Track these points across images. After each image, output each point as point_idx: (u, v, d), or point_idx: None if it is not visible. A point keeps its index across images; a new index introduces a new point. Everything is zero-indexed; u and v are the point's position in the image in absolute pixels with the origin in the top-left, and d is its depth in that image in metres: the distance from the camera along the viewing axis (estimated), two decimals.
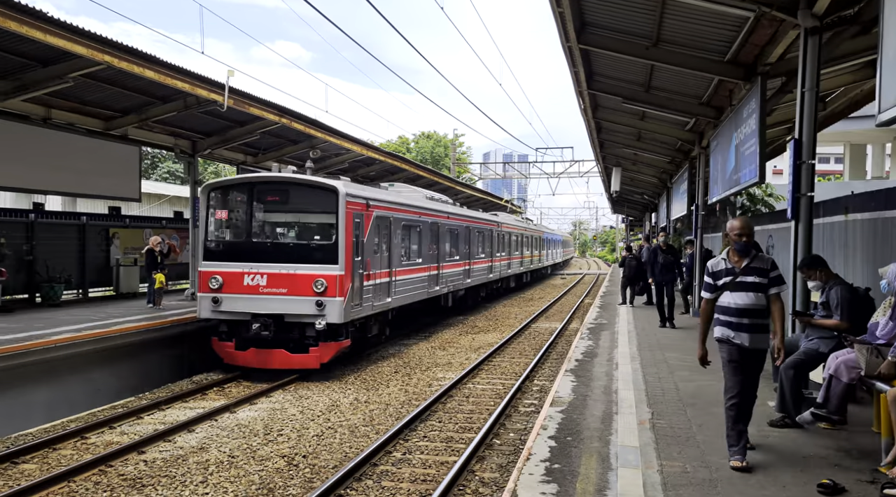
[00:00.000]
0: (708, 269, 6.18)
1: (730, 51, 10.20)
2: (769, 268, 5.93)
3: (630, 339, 13.51)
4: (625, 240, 58.00)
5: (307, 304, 12.48)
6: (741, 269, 5.96)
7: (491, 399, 11.41)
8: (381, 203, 14.86)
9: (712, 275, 6.10)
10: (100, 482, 7.44)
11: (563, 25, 10.24)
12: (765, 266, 5.94)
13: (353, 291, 13.02)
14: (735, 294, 5.94)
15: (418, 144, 69.31)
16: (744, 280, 5.92)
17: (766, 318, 5.93)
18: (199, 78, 13.11)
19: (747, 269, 5.94)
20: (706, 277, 6.17)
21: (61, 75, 11.59)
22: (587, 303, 28.59)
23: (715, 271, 6.10)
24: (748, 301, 5.88)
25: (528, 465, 6.00)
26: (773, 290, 5.91)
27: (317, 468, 7.94)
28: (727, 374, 6.09)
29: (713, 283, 6.09)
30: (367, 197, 14.12)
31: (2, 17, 8.93)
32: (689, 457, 6.11)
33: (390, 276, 15.41)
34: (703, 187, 16.78)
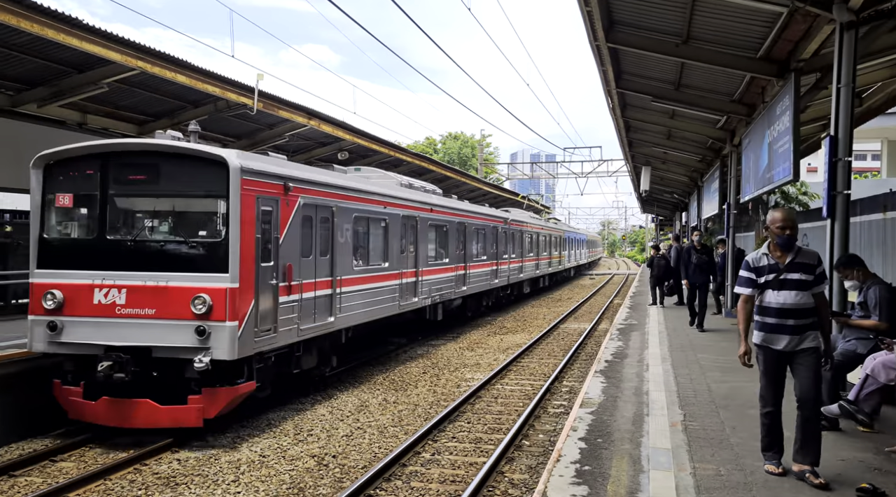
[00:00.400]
0: (748, 263, 5.66)
1: (762, 47, 10.04)
2: (815, 263, 5.46)
3: (661, 339, 13.36)
4: (654, 239, 57.38)
5: (183, 332, 8.63)
6: (785, 266, 5.46)
7: (520, 400, 11.37)
8: (312, 186, 10.80)
9: (754, 270, 5.58)
10: (135, 480, 7.57)
11: (591, 24, 10.17)
12: (811, 262, 5.46)
13: (259, 312, 9.22)
14: (778, 293, 5.45)
15: (445, 145, 69.34)
16: (788, 277, 5.43)
17: (811, 318, 5.47)
18: (229, 82, 13.29)
19: (792, 266, 5.44)
20: (745, 272, 5.65)
21: (96, 81, 11.83)
22: (616, 303, 28.34)
23: (757, 266, 5.58)
24: (793, 300, 5.41)
25: (557, 467, 5.96)
26: (819, 288, 5.46)
27: (346, 468, 7.99)
28: (765, 382, 5.66)
29: (755, 279, 5.57)
30: (285, 176, 10.04)
31: (40, 24, 9.15)
32: (722, 459, 6.02)
33: (333, 288, 11.47)
34: (734, 186, 16.54)
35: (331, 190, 11.54)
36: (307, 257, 10.69)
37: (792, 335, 5.43)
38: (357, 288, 12.47)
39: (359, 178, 13.59)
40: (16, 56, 10.52)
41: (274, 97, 14.79)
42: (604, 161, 41.26)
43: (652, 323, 16.16)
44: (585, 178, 42.60)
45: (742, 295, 5.70)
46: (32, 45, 10.19)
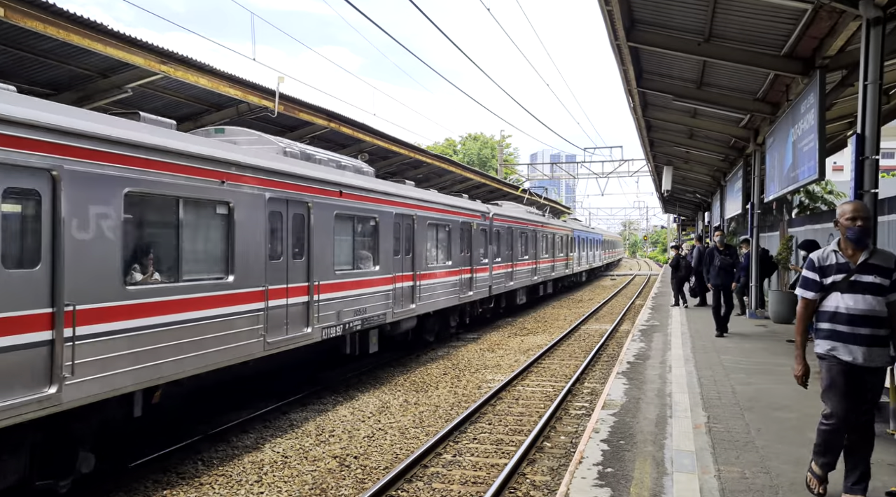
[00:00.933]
0: (813, 261, 5.03)
1: (786, 44, 9.92)
2: (893, 266, 4.80)
3: (683, 341, 13.24)
4: (676, 239, 56.90)
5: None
6: (857, 266, 4.83)
7: (541, 401, 11.32)
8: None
9: (819, 269, 4.95)
10: (159, 480, 7.65)
11: (611, 24, 10.12)
12: (888, 265, 4.81)
13: None
14: (848, 296, 4.81)
15: (465, 146, 69.34)
16: (860, 279, 4.79)
17: (885, 329, 4.82)
18: (250, 85, 13.40)
19: (865, 267, 4.81)
20: (809, 272, 5.02)
21: (120, 85, 11.99)
22: (638, 304, 28.13)
23: (824, 265, 4.95)
24: (866, 306, 4.75)
25: (580, 469, 5.93)
26: (895, 295, 4.78)
27: (368, 469, 8.01)
28: (834, 399, 4.92)
29: (819, 280, 4.94)
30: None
31: (65, 30, 9.29)
32: (747, 462, 5.95)
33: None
34: (758, 185, 16.35)
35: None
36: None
37: (867, 347, 4.78)
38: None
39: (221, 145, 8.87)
40: (42, 62, 10.69)
41: (295, 100, 14.88)
42: (625, 161, 40.99)
43: (674, 324, 16.02)
44: (606, 178, 42.35)
45: (803, 299, 5.03)
46: (59, 50, 10.35)
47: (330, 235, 11.08)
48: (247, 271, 8.96)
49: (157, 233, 7.81)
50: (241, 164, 8.89)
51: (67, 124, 6.34)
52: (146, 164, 7.29)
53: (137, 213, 7.31)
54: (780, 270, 17.11)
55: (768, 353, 11.48)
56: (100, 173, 6.68)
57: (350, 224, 12.01)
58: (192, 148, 8.04)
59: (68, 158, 6.32)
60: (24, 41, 9.81)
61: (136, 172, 7.14)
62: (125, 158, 7.00)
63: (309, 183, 10.51)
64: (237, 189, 8.80)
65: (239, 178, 8.85)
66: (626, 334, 17.67)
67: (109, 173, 6.79)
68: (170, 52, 11.18)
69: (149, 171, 7.31)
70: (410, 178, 25.58)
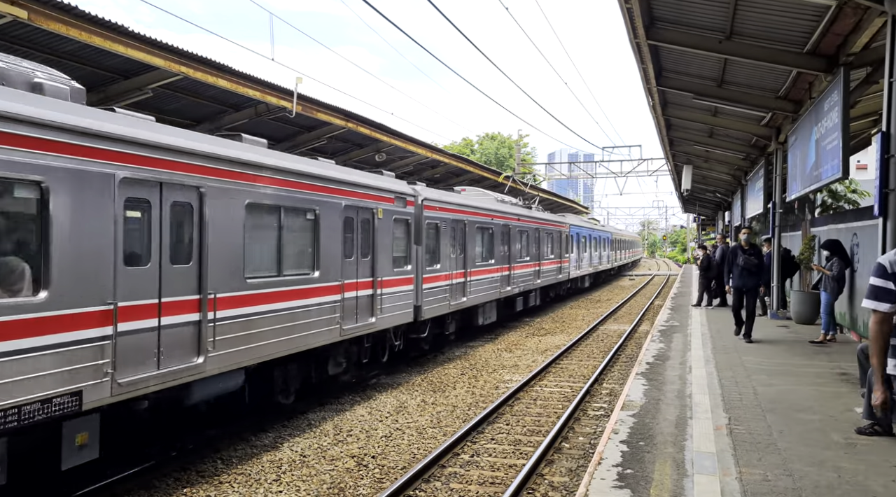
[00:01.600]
0: (884, 266, 4.33)
1: (809, 41, 9.78)
2: None
3: (704, 341, 13.10)
4: (696, 239, 56.32)
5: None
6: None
7: (559, 402, 11.26)
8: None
9: (893, 276, 4.22)
10: (180, 478, 7.71)
11: (631, 21, 10.04)
12: None
13: None
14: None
15: (482, 145, 69.24)
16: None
17: None
18: (269, 85, 13.47)
19: None
20: (879, 280, 4.31)
21: (141, 87, 12.11)
22: (657, 304, 27.91)
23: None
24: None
25: (599, 470, 5.88)
26: None
27: (386, 469, 8.01)
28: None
29: (894, 288, 4.22)
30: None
31: (87, 32, 9.40)
32: (769, 464, 5.86)
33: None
34: (780, 184, 16.16)
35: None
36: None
37: None
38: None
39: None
40: (65, 63, 10.82)
41: (313, 100, 14.93)
42: (643, 160, 40.67)
43: (694, 325, 15.87)
44: (625, 177, 42.08)
45: (877, 313, 4.30)
46: (81, 52, 10.47)
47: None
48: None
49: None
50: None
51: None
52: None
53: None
54: (803, 270, 16.89)
55: (790, 355, 11.33)
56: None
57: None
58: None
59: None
60: (48, 43, 9.94)
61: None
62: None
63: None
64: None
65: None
66: (646, 335, 17.54)
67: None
68: (189, 52, 11.27)
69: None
70: (427, 178, 25.60)
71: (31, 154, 5.75)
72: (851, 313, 12.86)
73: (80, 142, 6.23)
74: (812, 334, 13.29)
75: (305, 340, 9.69)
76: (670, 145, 22.04)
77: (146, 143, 6.95)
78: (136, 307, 6.82)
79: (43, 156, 5.85)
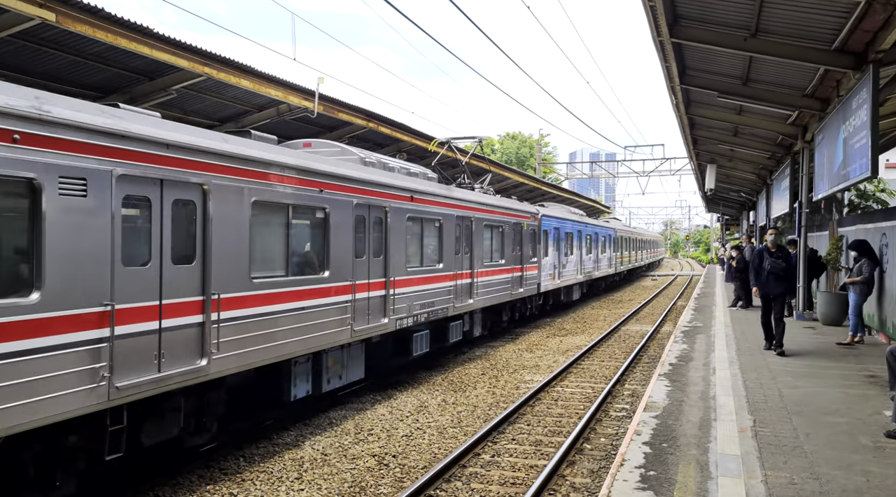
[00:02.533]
0: None
1: (837, 38, 9.61)
2: None
3: (728, 343, 12.95)
4: (720, 239, 55.72)
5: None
6: None
7: (580, 403, 11.19)
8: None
9: None
10: (203, 475, 7.78)
11: (654, 19, 9.94)
12: None
13: None
14: None
15: (503, 145, 69.08)
16: None
17: None
18: (290, 86, 13.55)
19: None
20: None
21: (165, 88, 12.24)
22: (680, 305, 27.65)
23: None
24: None
25: (621, 472, 5.83)
26: None
27: (406, 468, 8.02)
28: None
29: None
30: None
31: (113, 34, 9.52)
32: (795, 467, 5.77)
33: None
34: (806, 183, 15.92)
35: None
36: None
37: None
38: None
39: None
40: (92, 65, 10.97)
41: (334, 100, 14.99)
42: (666, 159, 40.38)
43: (718, 326, 15.69)
44: (647, 176, 41.76)
45: None
46: (107, 54, 10.61)
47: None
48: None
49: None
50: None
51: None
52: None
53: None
54: (830, 271, 16.61)
55: (816, 356, 11.16)
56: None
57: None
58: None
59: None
60: (75, 45, 10.08)
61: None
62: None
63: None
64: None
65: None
66: (668, 336, 17.38)
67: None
68: (212, 53, 11.37)
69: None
70: (448, 177, 25.57)
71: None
72: (880, 315, 12.63)
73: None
74: (839, 336, 13.08)
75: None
76: (694, 144, 21.81)
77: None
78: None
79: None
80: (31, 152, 5.58)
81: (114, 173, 6.30)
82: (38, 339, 5.63)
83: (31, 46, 9.81)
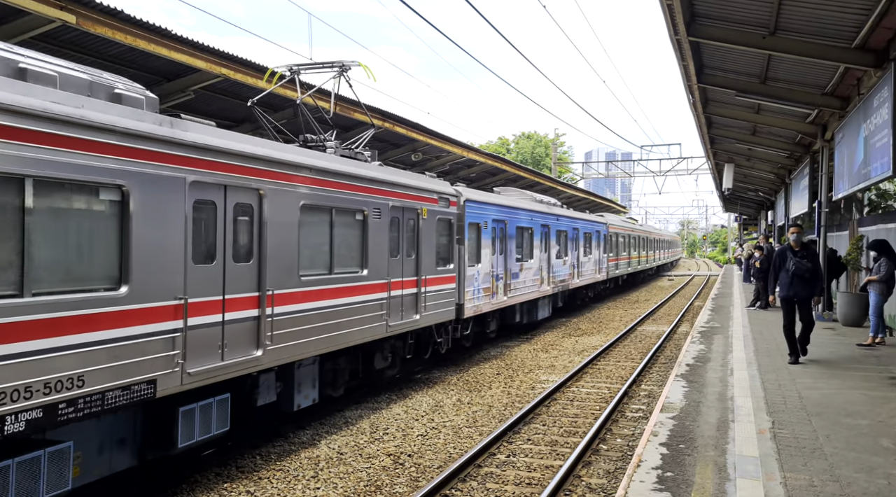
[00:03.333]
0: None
1: (858, 36, 9.50)
2: None
3: (745, 343, 12.83)
4: (738, 239, 55.24)
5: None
6: None
7: (596, 403, 11.15)
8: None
9: None
10: (220, 473, 7.84)
11: (671, 18, 9.88)
12: None
13: None
14: None
15: (518, 145, 68.96)
16: None
17: None
18: (307, 86, 13.59)
19: None
20: None
21: (183, 89, 12.35)
22: (697, 306, 27.46)
23: None
24: None
25: (638, 472, 5.80)
26: None
27: (422, 467, 8.03)
28: None
29: None
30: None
31: (133, 36, 9.62)
32: (815, 470, 5.71)
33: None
34: (826, 183, 15.75)
35: None
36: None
37: None
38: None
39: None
40: (111, 67, 11.08)
41: (350, 100, 15.04)
42: (683, 158, 40.11)
43: (736, 326, 15.56)
44: (664, 176, 41.51)
45: None
46: (126, 55, 10.72)
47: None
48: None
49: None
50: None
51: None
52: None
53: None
54: (850, 271, 16.42)
55: (836, 358, 11.03)
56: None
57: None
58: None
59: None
60: (94, 47, 10.20)
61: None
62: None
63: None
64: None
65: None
66: (685, 336, 17.27)
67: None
68: (230, 54, 11.45)
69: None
70: (463, 178, 25.59)
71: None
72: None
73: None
74: (859, 337, 12.92)
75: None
76: (711, 143, 21.65)
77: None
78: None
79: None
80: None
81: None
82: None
83: (51, 48, 9.94)
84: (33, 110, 5.48)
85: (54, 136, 5.66)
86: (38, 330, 5.52)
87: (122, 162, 6.25)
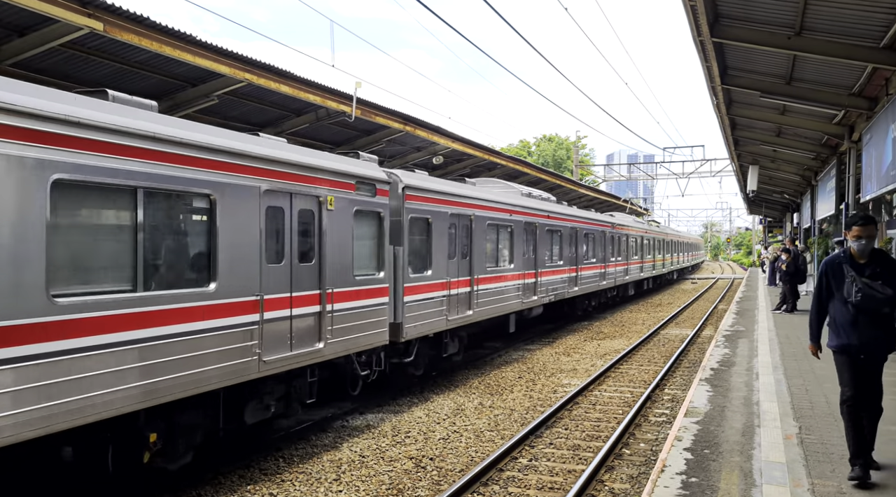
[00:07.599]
0: None
1: (886, 35, 9.34)
2: None
3: (771, 347, 12.66)
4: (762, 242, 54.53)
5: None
6: None
7: (619, 407, 11.06)
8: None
9: None
10: (244, 475, 7.90)
11: (694, 19, 9.79)
12: None
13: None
14: None
15: (539, 147, 68.76)
16: None
17: None
18: (329, 90, 13.69)
19: None
20: None
21: (207, 94, 12.49)
22: (721, 309, 27.14)
23: None
24: None
25: (662, 478, 5.75)
26: None
27: (444, 471, 8.02)
28: None
29: None
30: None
31: (158, 42, 9.76)
32: (844, 476, 5.61)
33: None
34: (853, 184, 15.49)
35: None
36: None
37: None
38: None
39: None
40: (137, 72, 11.25)
41: (371, 104, 15.11)
42: (706, 160, 39.68)
43: (761, 330, 15.35)
44: (687, 178, 41.11)
45: None
46: (151, 61, 10.87)
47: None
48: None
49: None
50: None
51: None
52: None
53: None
54: None
55: None
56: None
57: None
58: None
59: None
60: (121, 53, 10.35)
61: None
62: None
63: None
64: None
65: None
66: (709, 340, 17.08)
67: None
68: (253, 59, 11.56)
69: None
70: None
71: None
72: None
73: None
74: None
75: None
76: (735, 145, 21.40)
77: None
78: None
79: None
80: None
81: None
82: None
83: (80, 55, 10.11)
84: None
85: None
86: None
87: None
